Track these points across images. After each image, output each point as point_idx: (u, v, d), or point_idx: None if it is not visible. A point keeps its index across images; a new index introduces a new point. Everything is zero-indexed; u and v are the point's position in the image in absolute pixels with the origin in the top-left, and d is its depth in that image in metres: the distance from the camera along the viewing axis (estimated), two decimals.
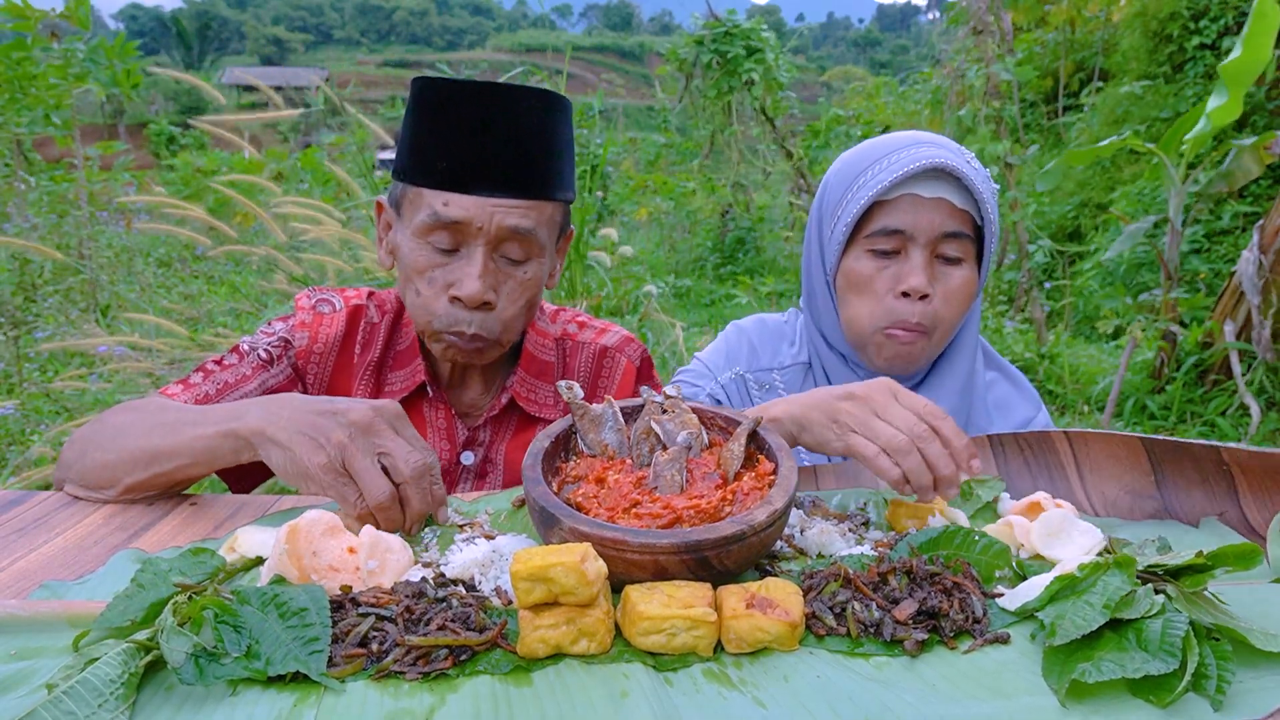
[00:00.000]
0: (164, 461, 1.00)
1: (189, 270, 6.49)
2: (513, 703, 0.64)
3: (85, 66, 5.93)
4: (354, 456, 0.90)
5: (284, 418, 0.94)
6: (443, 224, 1.13)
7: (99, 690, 0.61)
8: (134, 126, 25.27)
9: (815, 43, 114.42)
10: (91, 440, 1.06)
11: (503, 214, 1.13)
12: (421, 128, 1.15)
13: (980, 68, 5.90)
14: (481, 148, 1.13)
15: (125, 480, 1.01)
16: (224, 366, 1.24)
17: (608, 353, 1.39)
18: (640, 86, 26.93)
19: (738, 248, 9.14)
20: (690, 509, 0.82)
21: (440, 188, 1.13)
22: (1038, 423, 1.35)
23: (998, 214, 1.28)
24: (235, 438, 0.97)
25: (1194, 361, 4.79)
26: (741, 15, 8.50)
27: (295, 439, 0.92)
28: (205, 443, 0.98)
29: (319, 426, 0.92)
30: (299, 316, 1.30)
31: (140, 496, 1.04)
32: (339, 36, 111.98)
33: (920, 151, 1.20)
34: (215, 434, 0.98)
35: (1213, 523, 0.99)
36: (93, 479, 1.03)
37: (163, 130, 17.65)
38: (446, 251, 1.16)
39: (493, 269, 1.16)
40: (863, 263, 1.24)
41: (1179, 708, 0.63)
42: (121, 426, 1.06)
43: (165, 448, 1.00)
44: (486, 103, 1.13)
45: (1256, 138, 4.31)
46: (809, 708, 0.64)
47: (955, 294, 1.23)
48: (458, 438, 1.31)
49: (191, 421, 1.01)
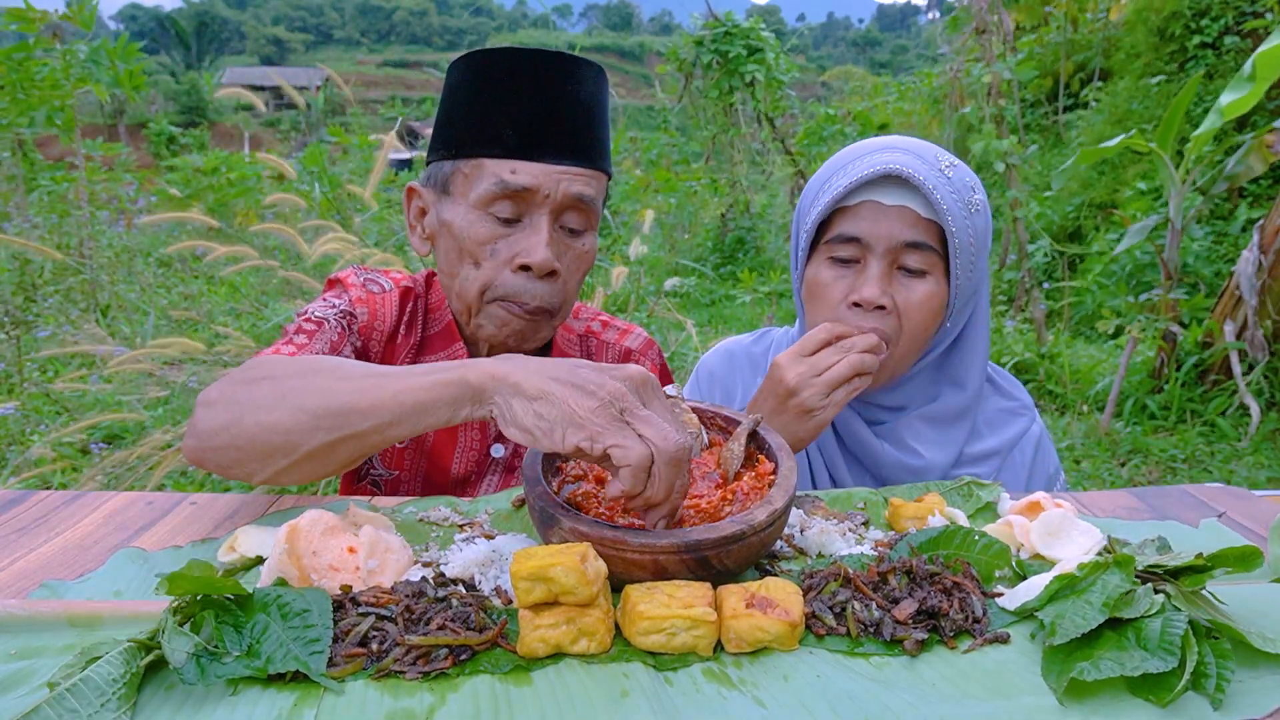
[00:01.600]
0: (361, 419, 0.85)
1: (189, 270, 6.49)
2: (513, 702, 0.64)
3: (87, 68, 5.93)
4: (634, 405, 0.79)
5: (531, 368, 0.82)
6: (509, 192, 1.13)
7: (101, 689, 0.61)
8: (134, 126, 25.28)
9: (815, 43, 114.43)
10: (246, 402, 0.91)
11: (569, 181, 1.13)
12: (483, 98, 1.15)
13: (983, 67, 5.89)
14: (548, 115, 1.13)
15: (305, 445, 0.87)
16: (320, 327, 1.15)
17: (632, 355, 1.39)
18: (640, 86, 26.93)
19: (738, 248, 9.14)
20: (690, 509, 0.82)
21: (507, 156, 1.13)
22: (1031, 435, 1.32)
23: (983, 222, 1.19)
24: (462, 385, 0.83)
25: (1194, 361, 4.79)
26: (741, 15, 8.50)
27: (553, 386, 0.79)
28: (418, 394, 0.84)
29: (584, 377, 0.80)
30: (354, 292, 1.26)
31: (298, 479, 0.92)
32: (339, 36, 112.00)
33: (883, 158, 1.15)
34: (433, 382, 0.84)
35: (1213, 523, 0.99)
36: (257, 448, 0.89)
37: (163, 130, 17.65)
38: (508, 222, 1.15)
39: (557, 239, 1.16)
40: (822, 271, 1.20)
41: (1178, 707, 0.63)
42: (289, 384, 0.90)
43: (364, 404, 0.85)
44: (549, 71, 1.14)
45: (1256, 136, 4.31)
46: (809, 707, 0.64)
47: (917, 308, 1.16)
48: (490, 429, 1.30)
49: (388, 374, 0.88)
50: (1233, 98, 3.92)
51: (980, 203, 1.18)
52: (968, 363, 1.27)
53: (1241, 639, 0.67)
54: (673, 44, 8.98)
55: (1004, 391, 1.37)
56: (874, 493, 1.08)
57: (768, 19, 8.92)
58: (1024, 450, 1.30)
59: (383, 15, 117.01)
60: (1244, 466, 4.04)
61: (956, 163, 1.18)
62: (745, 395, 1.39)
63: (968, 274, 1.18)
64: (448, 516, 0.98)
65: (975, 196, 1.18)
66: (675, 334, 4.38)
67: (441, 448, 1.28)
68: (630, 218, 8.17)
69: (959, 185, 1.15)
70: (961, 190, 1.15)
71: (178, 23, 73.83)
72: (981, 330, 1.27)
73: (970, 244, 1.16)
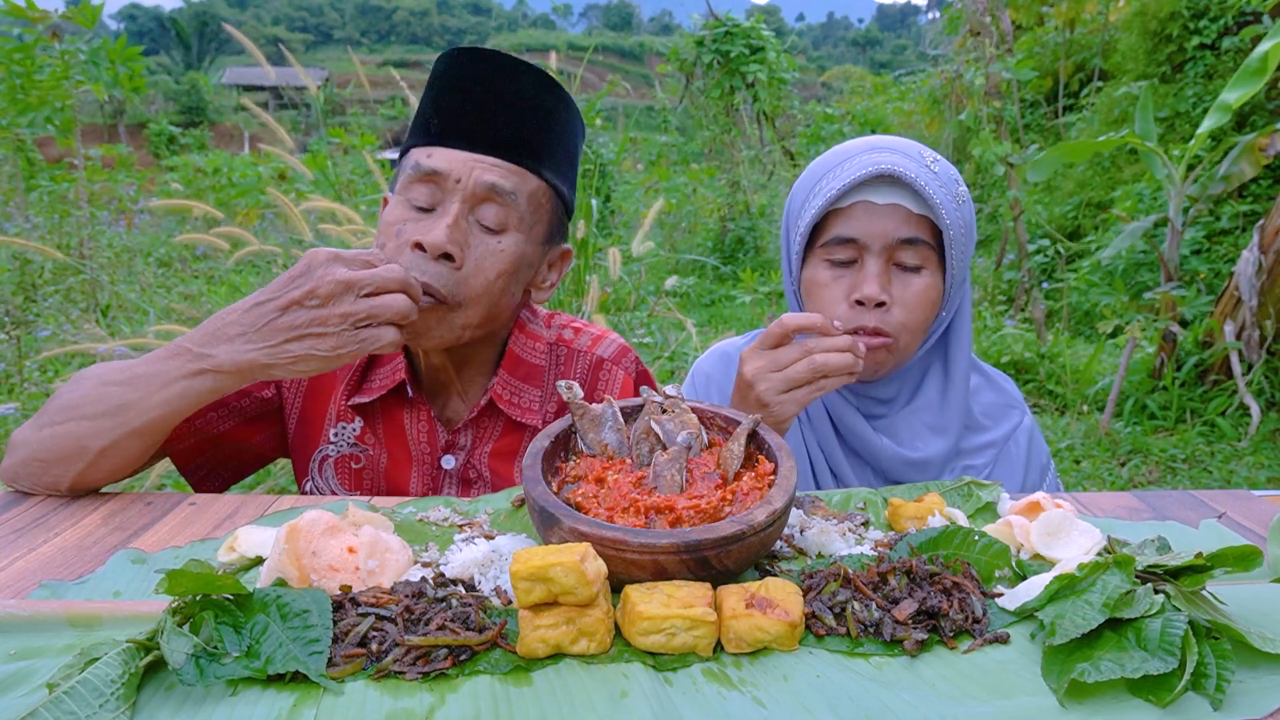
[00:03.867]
0: (132, 414, 1.00)
1: (189, 270, 6.49)
2: (513, 703, 0.64)
3: (86, 69, 5.93)
4: (343, 291, 0.98)
5: (223, 323, 1.00)
6: (422, 175, 1.13)
7: (99, 690, 0.61)
8: (134, 126, 25.28)
9: (815, 43, 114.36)
10: (45, 420, 1.05)
11: (483, 170, 1.12)
12: (427, 95, 1.18)
13: (980, 67, 5.89)
14: (469, 104, 1.14)
15: (93, 446, 1.01)
16: None
17: (604, 365, 1.35)
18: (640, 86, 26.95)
19: (738, 248, 9.14)
20: (690, 509, 0.82)
21: (428, 142, 1.14)
22: (1024, 427, 1.35)
23: (969, 212, 1.23)
24: (180, 350, 1.00)
25: (1194, 361, 4.79)
26: (741, 15, 8.51)
27: (280, 351, 0.99)
28: (163, 378, 1.00)
29: (263, 305, 0.99)
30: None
31: (101, 477, 1.04)
32: (339, 36, 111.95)
33: (872, 158, 1.17)
34: (165, 360, 1.00)
35: (1213, 524, 0.99)
36: (54, 455, 1.02)
37: (163, 130, 17.66)
38: (423, 210, 1.14)
39: (464, 228, 1.13)
40: (819, 272, 1.22)
41: (1178, 707, 0.63)
42: (72, 397, 1.05)
43: (130, 397, 1.00)
44: (484, 65, 1.15)
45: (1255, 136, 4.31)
46: (809, 707, 0.64)
47: (915, 301, 1.19)
48: (438, 440, 1.28)
49: (147, 367, 1.02)
50: (1239, 93, 3.91)
51: (964, 194, 1.23)
52: (954, 350, 1.30)
53: (1241, 639, 0.67)
54: (674, 44, 8.98)
55: (996, 386, 1.40)
56: (874, 493, 1.08)
57: (768, 19, 8.93)
58: (1018, 442, 1.34)
59: (383, 15, 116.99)
60: (1244, 466, 4.04)
61: (939, 158, 1.22)
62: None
63: (960, 264, 1.22)
64: (447, 517, 0.98)
65: (960, 188, 1.22)
66: (675, 334, 4.38)
67: (397, 469, 1.28)
68: (630, 217, 8.17)
69: (945, 179, 1.19)
70: (948, 184, 1.19)
71: (179, 23, 73.88)
72: (966, 319, 1.31)
73: (962, 234, 1.21)
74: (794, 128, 9.33)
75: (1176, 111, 7.73)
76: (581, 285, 3.88)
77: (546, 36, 37.50)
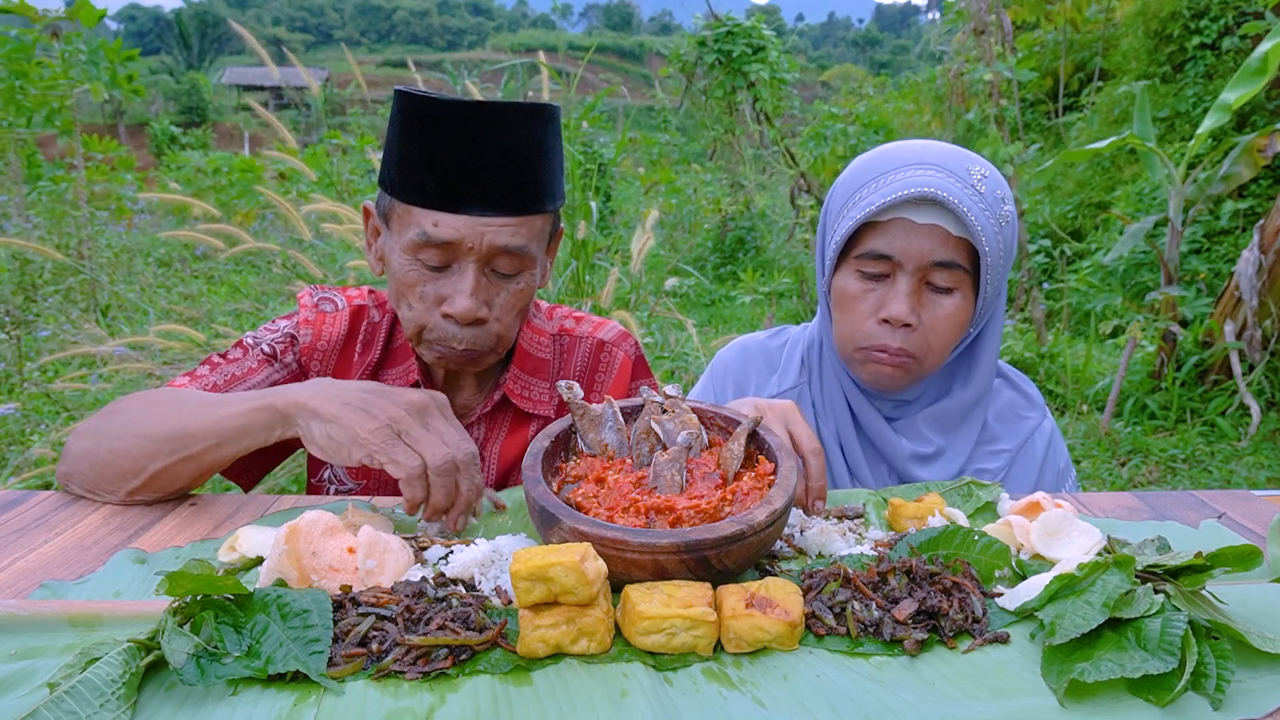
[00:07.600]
0: (192, 443, 1.00)
1: (189, 270, 6.49)
2: (513, 702, 0.64)
3: (86, 70, 5.93)
4: (411, 425, 0.94)
5: (329, 394, 0.97)
6: (433, 244, 1.12)
7: (100, 690, 0.61)
8: (134, 126, 25.29)
9: (815, 43, 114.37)
10: (103, 432, 1.05)
11: (493, 233, 1.12)
12: (409, 145, 1.13)
13: (982, 66, 5.89)
14: (469, 167, 1.11)
15: (150, 468, 1.00)
16: (229, 360, 1.24)
17: (605, 346, 1.40)
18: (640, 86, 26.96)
19: (738, 247, 9.14)
20: (690, 509, 0.82)
21: (429, 207, 1.12)
22: (1043, 430, 1.34)
23: (1011, 232, 1.18)
24: (272, 411, 0.98)
25: (1194, 361, 4.79)
26: (741, 15, 8.51)
27: (343, 411, 0.95)
28: (237, 420, 0.99)
29: (370, 402, 0.95)
30: (302, 314, 1.30)
31: (152, 497, 1.04)
32: (339, 36, 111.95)
33: (915, 176, 1.13)
34: (248, 410, 0.99)
35: (1213, 524, 0.99)
36: (110, 471, 1.02)
37: (164, 130, 17.67)
38: (437, 269, 1.15)
39: (484, 284, 1.15)
40: (850, 282, 1.20)
41: (1178, 707, 0.63)
42: (137, 415, 1.05)
43: (193, 428, 1.00)
44: (473, 121, 1.10)
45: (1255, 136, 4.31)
46: (809, 707, 0.64)
47: (942, 324, 1.17)
48: None
49: (217, 403, 1.02)
50: (1239, 93, 3.91)
51: (1010, 214, 1.17)
52: (979, 360, 1.28)
53: (1241, 639, 0.67)
54: (675, 45, 8.98)
55: (1018, 388, 1.39)
56: (874, 493, 1.08)
57: (768, 19, 8.93)
58: (1036, 445, 1.32)
59: (383, 15, 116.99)
60: (1244, 466, 4.04)
61: (989, 173, 1.16)
62: (758, 389, 1.41)
63: (995, 284, 1.19)
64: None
65: (1005, 208, 1.16)
66: (675, 334, 4.38)
67: None
68: (630, 217, 8.17)
69: (990, 200, 1.14)
70: (993, 205, 1.14)
71: (181, 22, 73.84)
72: (996, 329, 1.28)
73: (1000, 258, 1.16)
74: (795, 128, 9.33)
75: (1176, 111, 7.72)
76: (582, 286, 3.88)
77: (546, 36, 37.46)
